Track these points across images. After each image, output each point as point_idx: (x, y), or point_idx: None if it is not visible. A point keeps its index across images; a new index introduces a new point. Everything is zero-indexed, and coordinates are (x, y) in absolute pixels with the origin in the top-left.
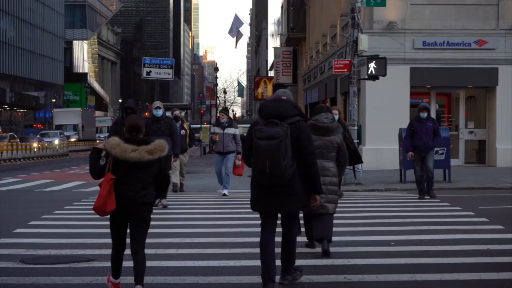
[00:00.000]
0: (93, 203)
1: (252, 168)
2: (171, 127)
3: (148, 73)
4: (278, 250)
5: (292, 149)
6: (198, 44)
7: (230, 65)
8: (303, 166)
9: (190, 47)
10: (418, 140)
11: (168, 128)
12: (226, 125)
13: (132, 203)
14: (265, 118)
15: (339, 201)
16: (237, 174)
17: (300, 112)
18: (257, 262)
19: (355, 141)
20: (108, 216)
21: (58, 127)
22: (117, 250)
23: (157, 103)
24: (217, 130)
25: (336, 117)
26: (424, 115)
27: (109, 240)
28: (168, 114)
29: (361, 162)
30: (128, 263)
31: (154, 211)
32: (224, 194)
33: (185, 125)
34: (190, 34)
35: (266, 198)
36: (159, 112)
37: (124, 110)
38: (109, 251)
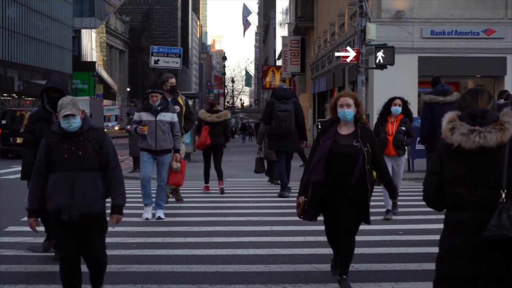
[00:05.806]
0: None
1: (273, 127)
2: (101, 150)
3: (156, 62)
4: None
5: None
6: (206, 33)
7: (238, 54)
8: (298, 125)
9: (198, 36)
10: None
11: (93, 152)
12: (160, 108)
13: (213, 144)
14: (278, 99)
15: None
16: (174, 184)
17: (295, 95)
18: (265, 251)
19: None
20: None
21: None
22: (206, 166)
23: (67, 106)
24: (146, 117)
25: (351, 112)
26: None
27: (117, 228)
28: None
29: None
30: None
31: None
32: (159, 217)
33: (180, 99)
34: (198, 23)
35: (282, 144)
36: (74, 124)
37: (46, 93)
38: (116, 240)
